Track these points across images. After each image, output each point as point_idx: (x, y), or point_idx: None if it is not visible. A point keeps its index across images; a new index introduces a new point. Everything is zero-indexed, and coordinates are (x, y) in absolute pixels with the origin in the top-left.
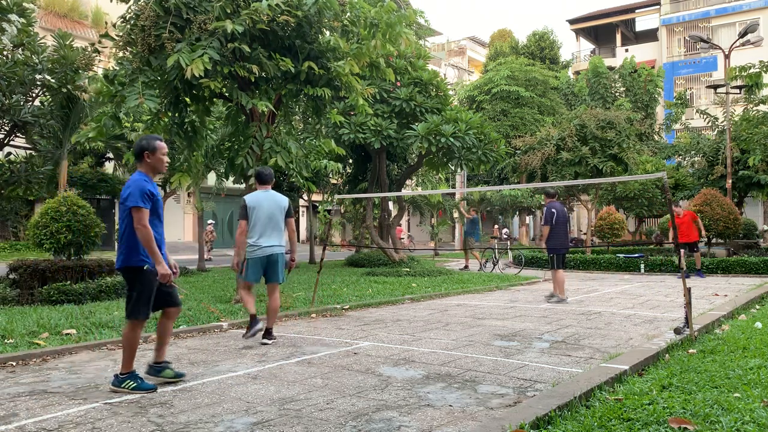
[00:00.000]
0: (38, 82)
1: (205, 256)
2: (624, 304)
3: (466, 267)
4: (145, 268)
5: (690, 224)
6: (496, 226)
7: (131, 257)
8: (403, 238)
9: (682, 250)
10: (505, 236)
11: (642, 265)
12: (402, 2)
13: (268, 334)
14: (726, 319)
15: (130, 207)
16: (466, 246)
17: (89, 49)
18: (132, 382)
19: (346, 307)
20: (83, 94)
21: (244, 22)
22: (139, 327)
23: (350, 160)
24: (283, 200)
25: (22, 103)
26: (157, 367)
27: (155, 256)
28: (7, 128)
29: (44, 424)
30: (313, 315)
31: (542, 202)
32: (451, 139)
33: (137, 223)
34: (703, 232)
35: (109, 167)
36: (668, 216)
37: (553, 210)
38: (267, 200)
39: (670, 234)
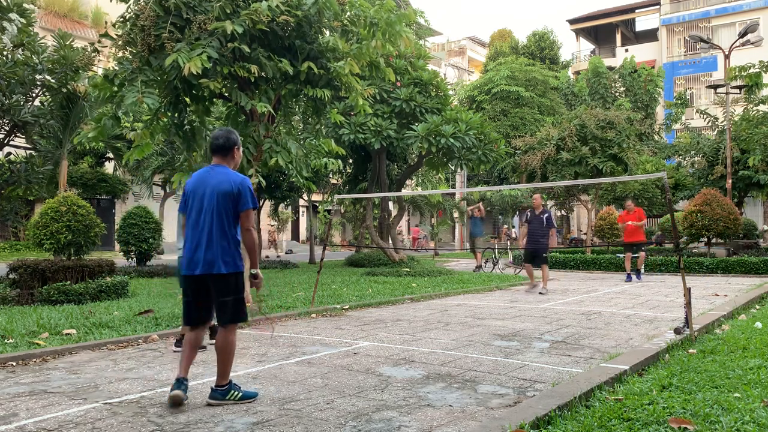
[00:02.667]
0: (38, 82)
1: (264, 255)
2: (624, 304)
3: (479, 267)
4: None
5: (638, 223)
6: (505, 227)
7: (238, 260)
8: (419, 238)
9: (629, 253)
10: (507, 237)
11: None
12: (402, 2)
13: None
14: (726, 319)
15: (248, 209)
16: (473, 246)
17: (89, 49)
18: (237, 392)
19: (346, 307)
20: (80, 86)
21: (244, 22)
22: (236, 330)
23: (350, 160)
24: None
25: (22, 103)
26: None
27: (256, 260)
28: (7, 128)
29: (44, 424)
30: (313, 315)
31: (537, 205)
32: (451, 140)
33: (251, 225)
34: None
35: (109, 167)
36: (668, 216)
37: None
38: None
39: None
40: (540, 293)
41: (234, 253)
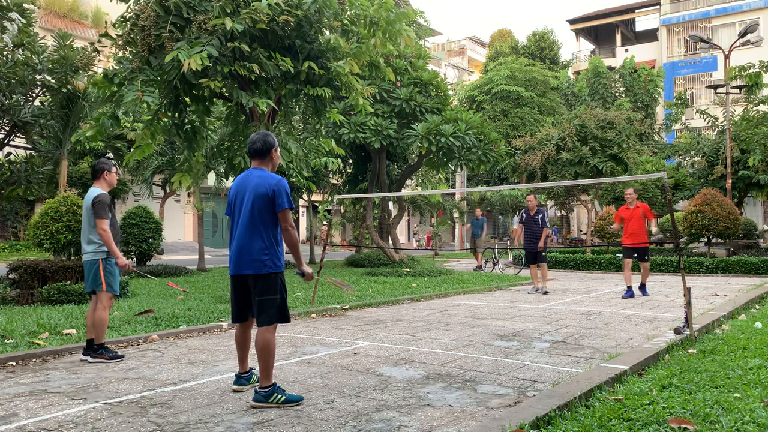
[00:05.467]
0: (38, 82)
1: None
2: (624, 304)
3: (479, 267)
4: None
5: (641, 220)
6: (514, 227)
7: (278, 262)
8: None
9: (628, 260)
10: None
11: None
12: (401, 1)
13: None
14: (726, 319)
15: (285, 209)
16: (475, 246)
17: (89, 49)
18: (280, 395)
19: (346, 307)
20: (79, 83)
21: (244, 21)
22: (274, 330)
23: (350, 160)
24: (90, 195)
25: (22, 103)
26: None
27: (301, 258)
28: (7, 128)
29: (44, 424)
30: (313, 315)
31: (534, 206)
32: (451, 139)
33: (289, 224)
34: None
35: None
36: (668, 216)
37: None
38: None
39: (615, 228)
40: (545, 293)
41: (272, 253)
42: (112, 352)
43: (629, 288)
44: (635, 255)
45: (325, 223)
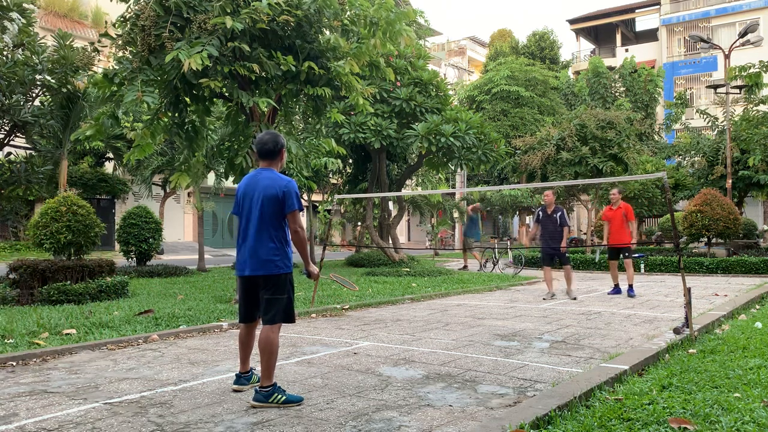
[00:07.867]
0: (38, 82)
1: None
2: (624, 303)
3: (465, 267)
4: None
5: (622, 220)
6: (523, 226)
7: (288, 262)
8: (446, 237)
9: (614, 262)
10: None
11: (642, 265)
12: (402, 1)
13: None
14: (726, 319)
15: (294, 210)
16: (465, 246)
17: (89, 49)
18: (280, 395)
19: (346, 307)
20: (79, 83)
21: (244, 20)
22: (279, 329)
23: (350, 160)
24: None
25: (22, 103)
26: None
27: (308, 258)
28: (7, 128)
29: (44, 424)
30: (313, 315)
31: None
32: (451, 139)
33: (299, 226)
34: (634, 234)
35: (109, 167)
36: (668, 216)
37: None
38: None
39: (605, 232)
40: (573, 299)
41: (281, 254)
42: None
43: (616, 286)
44: (618, 254)
45: (360, 224)
